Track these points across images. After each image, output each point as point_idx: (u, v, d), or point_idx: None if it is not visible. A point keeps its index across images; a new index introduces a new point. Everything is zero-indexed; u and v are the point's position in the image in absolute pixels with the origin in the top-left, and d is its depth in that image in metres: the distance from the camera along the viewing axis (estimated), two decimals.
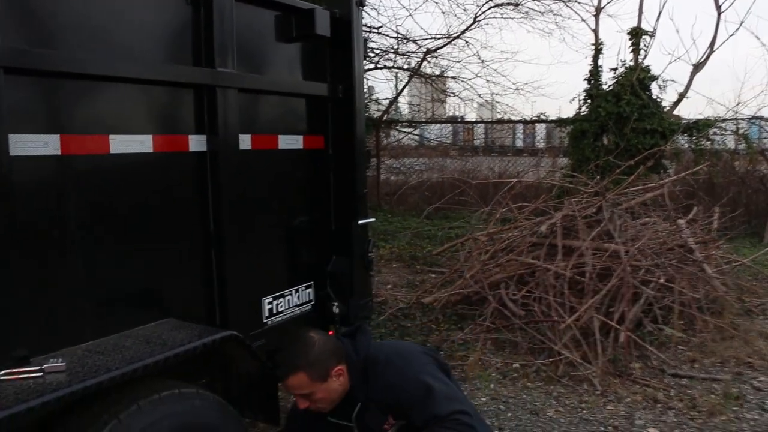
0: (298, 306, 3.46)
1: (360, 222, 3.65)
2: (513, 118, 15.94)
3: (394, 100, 15.86)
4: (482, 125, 19.61)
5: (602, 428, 4.40)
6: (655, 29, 11.91)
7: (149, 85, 2.59)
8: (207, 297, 2.92)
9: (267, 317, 3.26)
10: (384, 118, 15.18)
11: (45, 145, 2.21)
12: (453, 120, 21.51)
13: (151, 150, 2.59)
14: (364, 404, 2.76)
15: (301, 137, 3.44)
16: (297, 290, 3.46)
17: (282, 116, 3.37)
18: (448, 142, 18.20)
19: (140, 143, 2.54)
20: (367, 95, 15.73)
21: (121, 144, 2.46)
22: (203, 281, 2.90)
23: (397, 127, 16.48)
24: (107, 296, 2.49)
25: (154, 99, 2.64)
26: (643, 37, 11.76)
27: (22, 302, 2.18)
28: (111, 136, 2.43)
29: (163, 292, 2.74)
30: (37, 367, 2.09)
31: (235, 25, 2.89)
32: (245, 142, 3.03)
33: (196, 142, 2.79)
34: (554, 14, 13.88)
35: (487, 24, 14.97)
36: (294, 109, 3.44)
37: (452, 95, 16.54)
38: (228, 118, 2.86)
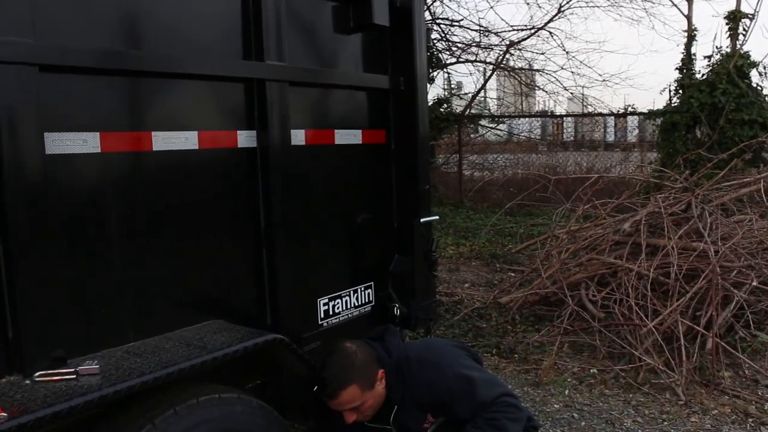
0: (356, 307, 3.35)
1: (423, 220, 3.51)
2: (601, 111, 15.41)
3: (476, 95, 15.61)
4: (571, 119, 19.16)
5: None
6: (756, 11, 11.19)
7: (195, 80, 2.52)
8: (257, 298, 2.84)
9: (323, 319, 3.16)
10: (467, 112, 14.95)
11: (84, 143, 2.17)
12: (539, 114, 21.08)
13: (196, 147, 2.52)
14: (401, 405, 2.73)
15: (360, 132, 3.32)
16: (356, 291, 3.35)
17: (339, 110, 3.26)
18: (537, 137, 17.83)
19: (185, 140, 2.47)
20: (454, 90, 15.58)
21: (165, 141, 2.40)
22: (253, 282, 2.82)
23: (481, 123, 16.22)
24: (152, 297, 2.44)
25: (200, 94, 2.57)
26: (743, 20, 11.10)
27: (62, 302, 2.14)
28: (154, 133, 2.37)
29: (211, 292, 2.68)
30: (71, 369, 2.05)
31: (286, 15, 2.79)
32: (298, 137, 2.93)
33: (246, 138, 2.71)
34: (643, 0, 13.33)
35: (572, 14, 14.63)
36: (352, 103, 3.33)
37: (537, 89, 16.17)
38: (279, 112, 2.77)
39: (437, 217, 3.65)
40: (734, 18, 11.11)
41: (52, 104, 2.09)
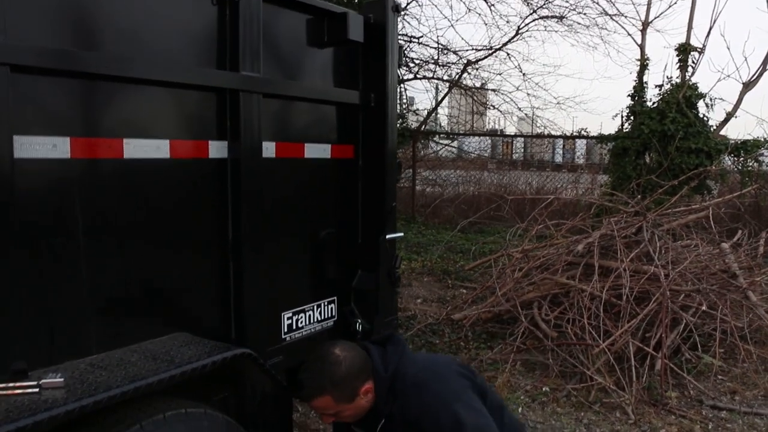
0: (319, 322, 3.33)
1: (388, 236, 3.51)
2: (553, 132, 15.68)
3: (432, 111, 15.73)
4: (521, 139, 19.45)
5: None
6: (704, 45, 11.59)
7: (168, 87, 2.47)
8: (223, 311, 2.79)
9: (286, 333, 3.13)
10: (422, 128, 15.04)
11: (53, 148, 2.11)
12: (492, 133, 21.35)
13: (168, 156, 2.47)
14: (389, 419, 2.60)
15: (329, 146, 3.31)
16: (319, 305, 3.33)
17: (310, 124, 3.25)
18: (487, 155, 18.02)
19: (156, 148, 2.43)
20: (406, 105, 15.66)
21: (136, 148, 2.35)
22: (219, 294, 2.78)
23: (435, 139, 16.34)
24: (115, 308, 2.38)
25: (173, 102, 2.53)
26: (692, 53, 11.48)
27: (24, 312, 2.07)
28: (125, 140, 2.32)
29: (177, 304, 2.62)
30: (34, 383, 1.98)
31: (262, 27, 2.77)
32: (269, 149, 2.91)
33: (217, 149, 2.67)
34: (600, 28, 13.70)
35: (530, 36, 14.93)
36: (323, 117, 3.31)
37: (492, 108, 16.37)
38: (251, 124, 2.74)
39: (402, 234, 3.65)
40: (684, 50, 11.48)
41: (22, 106, 2.02)
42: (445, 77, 14.67)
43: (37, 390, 1.96)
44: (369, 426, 2.68)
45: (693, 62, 11.48)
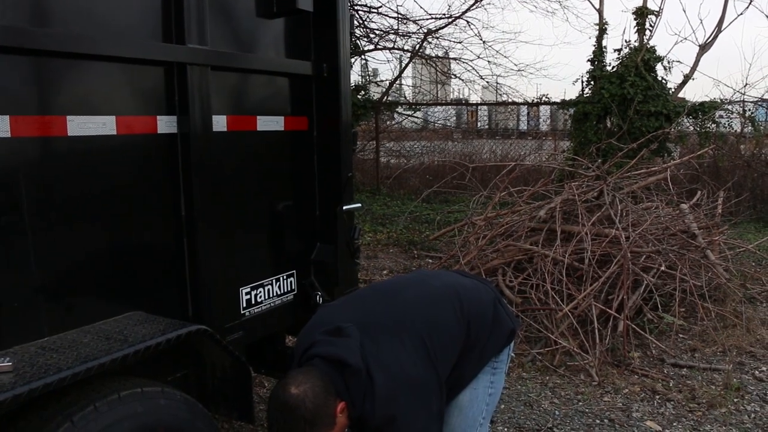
0: (279, 296, 3.31)
1: (345, 207, 3.49)
2: (516, 100, 15.70)
3: (393, 82, 15.64)
4: (485, 108, 19.45)
5: (598, 421, 4.27)
6: (661, 9, 11.62)
7: (113, 62, 2.40)
8: (178, 288, 2.76)
9: (245, 308, 3.11)
10: (384, 100, 14.97)
11: None
12: (455, 102, 21.32)
13: (114, 132, 2.42)
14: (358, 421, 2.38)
15: (282, 118, 3.26)
16: (278, 279, 3.31)
17: (262, 96, 3.19)
18: (452, 125, 18.02)
19: (102, 125, 2.37)
20: (369, 77, 15.56)
21: (80, 126, 2.29)
22: (175, 271, 2.74)
23: (398, 110, 16.28)
24: (67, 289, 2.33)
25: (118, 77, 2.46)
26: (649, 16, 11.51)
27: None
28: (69, 117, 2.26)
29: (130, 283, 2.58)
30: None
31: None
32: (220, 123, 2.86)
33: (166, 124, 2.62)
34: None
35: (490, 4, 14.85)
36: (275, 89, 3.26)
37: (454, 77, 16.33)
38: (200, 97, 2.68)
39: (360, 205, 3.63)
40: (642, 14, 11.53)
41: None
42: (406, 47, 14.60)
43: None
44: None
45: (650, 25, 11.53)
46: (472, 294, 2.67)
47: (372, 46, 13.97)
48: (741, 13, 17.67)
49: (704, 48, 11.98)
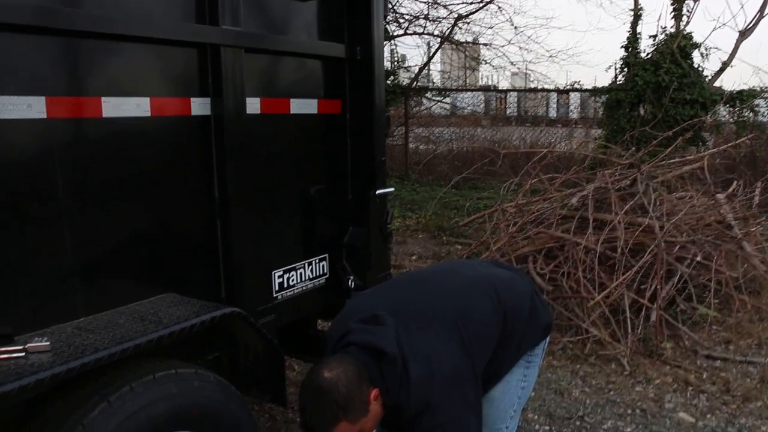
0: (311, 279, 3.30)
1: (378, 192, 3.47)
2: (546, 87, 15.54)
3: (423, 67, 15.56)
4: (515, 94, 19.29)
5: (629, 411, 4.22)
6: None
7: (147, 43, 2.40)
8: (212, 270, 2.76)
9: (277, 291, 3.10)
10: (413, 85, 14.89)
11: (28, 107, 2.04)
12: (485, 88, 21.16)
13: (148, 114, 2.41)
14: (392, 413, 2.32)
15: (315, 101, 3.25)
16: (310, 263, 3.30)
17: (295, 79, 3.18)
18: (480, 111, 17.89)
19: (136, 106, 2.37)
20: (397, 62, 15.49)
21: (115, 107, 2.29)
22: (208, 254, 2.74)
23: (427, 96, 16.19)
24: (102, 270, 2.34)
25: (152, 59, 2.46)
26: (686, 2, 11.30)
27: (8, 277, 2.04)
28: (103, 99, 2.26)
29: (164, 265, 2.59)
30: (20, 347, 1.95)
31: None
32: (253, 105, 2.85)
33: (199, 106, 2.61)
34: None
35: None
36: (308, 72, 3.24)
37: (484, 63, 16.21)
38: (233, 79, 2.67)
39: (392, 189, 3.61)
40: None
41: None
42: (436, 32, 14.50)
43: (23, 354, 1.94)
44: None
45: (688, 11, 11.33)
46: (508, 285, 2.63)
47: (402, 31, 13.91)
48: None
49: (744, 34, 11.74)
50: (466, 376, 2.34)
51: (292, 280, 3.19)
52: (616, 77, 11.86)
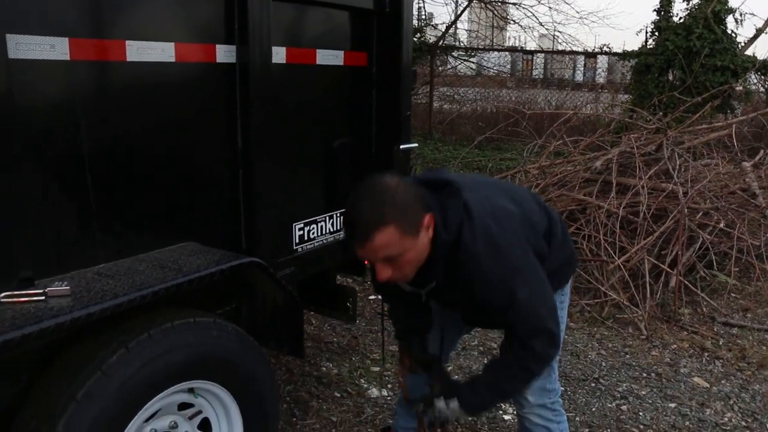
0: (332, 233, 3.29)
1: (402, 147, 3.43)
2: (574, 49, 15.28)
3: (451, 25, 15.33)
4: (542, 56, 19.02)
5: (645, 374, 4.22)
6: None
7: None
8: (233, 220, 2.75)
9: (298, 244, 3.10)
10: (440, 43, 14.69)
11: (51, 48, 2.02)
12: (512, 49, 20.87)
13: (173, 59, 2.38)
14: (441, 282, 2.25)
15: (341, 53, 3.19)
16: (332, 216, 3.28)
17: (322, 29, 3.12)
18: (506, 72, 17.68)
19: (161, 51, 2.34)
20: (424, 20, 15.28)
21: (139, 51, 2.26)
22: (229, 204, 2.73)
23: (453, 54, 15.99)
24: (123, 217, 2.34)
25: (178, 3, 2.42)
26: None
27: (29, 220, 2.04)
28: (128, 42, 2.23)
29: (185, 214, 2.58)
30: (40, 291, 1.96)
31: None
32: (279, 55, 2.81)
33: (225, 53, 2.58)
34: None
35: None
36: (335, 23, 3.19)
37: (512, 23, 15.94)
38: (260, 28, 2.62)
39: (416, 145, 3.57)
40: None
41: (16, 2, 1.91)
42: None
43: (43, 298, 1.94)
44: (417, 284, 2.32)
45: None
46: (545, 205, 2.55)
47: None
48: None
49: None
50: (526, 255, 2.23)
51: (313, 233, 3.18)
52: (646, 41, 11.62)
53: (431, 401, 2.38)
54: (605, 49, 13.68)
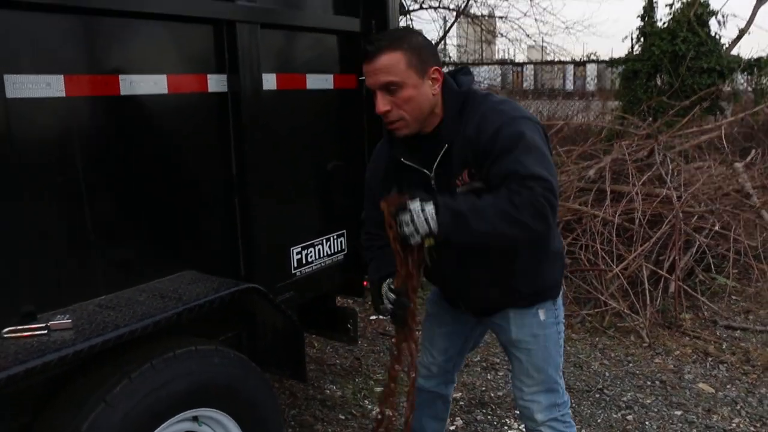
0: (329, 256, 3.31)
1: None
2: (562, 59, 15.39)
3: (439, 42, 15.43)
4: (531, 67, 19.16)
5: (649, 382, 4.22)
6: None
7: (163, 20, 2.39)
8: (231, 247, 2.77)
9: (296, 268, 3.11)
10: None
11: (47, 86, 2.05)
12: (501, 62, 21.01)
13: (166, 91, 2.41)
14: (450, 146, 2.23)
15: (331, 76, 3.22)
16: (328, 239, 3.30)
17: (310, 54, 3.15)
18: (497, 84, 17.78)
19: (153, 84, 2.36)
20: None
21: (133, 85, 2.29)
22: (226, 230, 2.75)
23: (443, 70, 16.04)
24: (123, 248, 2.36)
25: (168, 36, 2.44)
26: None
27: (30, 255, 2.05)
28: (121, 77, 2.26)
29: (183, 242, 2.60)
30: (42, 324, 1.97)
31: None
32: (269, 81, 2.83)
33: (216, 82, 2.60)
34: None
35: None
36: (323, 47, 3.22)
37: (500, 36, 16.05)
38: (250, 56, 2.66)
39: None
40: None
41: (12, 44, 1.96)
42: (452, 6, 14.36)
43: (45, 332, 1.96)
44: (426, 161, 2.32)
45: None
46: None
47: (417, 6, 13.78)
48: None
49: (762, 0, 11.54)
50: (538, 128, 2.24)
51: (311, 257, 3.19)
52: (632, 47, 11.74)
53: (405, 204, 2.02)
54: (593, 57, 13.78)
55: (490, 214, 2.00)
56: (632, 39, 11.69)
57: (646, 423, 3.75)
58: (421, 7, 14.03)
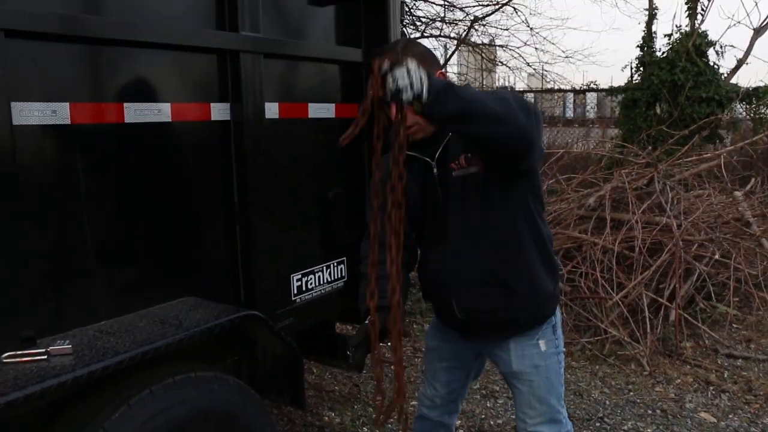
0: (329, 283, 3.32)
1: None
2: (562, 87, 15.48)
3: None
4: (531, 95, 19.25)
5: (650, 411, 4.21)
6: None
7: (168, 50, 2.43)
8: (231, 274, 2.78)
9: (296, 295, 3.12)
10: None
11: (53, 114, 2.08)
12: (502, 90, 21.09)
13: (169, 119, 2.44)
14: (451, 139, 2.37)
15: (333, 105, 3.26)
16: (329, 266, 3.31)
17: (313, 83, 3.19)
18: None
19: (158, 112, 2.40)
20: None
21: (137, 113, 2.32)
22: (227, 257, 2.77)
23: None
24: (123, 274, 2.38)
25: (173, 65, 2.48)
26: (701, 0, 11.24)
27: (31, 280, 2.06)
28: (126, 105, 2.29)
29: (184, 269, 2.61)
30: (42, 350, 1.98)
31: None
32: (272, 110, 2.87)
33: (219, 111, 2.64)
34: None
35: None
36: (325, 76, 3.26)
37: (501, 64, 16.15)
38: (253, 85, 2.70)
39: None
40: None
41: (19, 72, 1.98)
42: (453, 35, 14.46)
43: (45, 357, 1.96)
44: (429, 151, 2.43)
45: (702, 9, 11.26)
46: None
47: (418, 34, 13.88)
48: None
49: (759, 32, 11.64)
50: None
51: (311, 284, 3.20)
52: (631, 76, 11.83)
53: (402, 60, 1.93)
54: (592, 85, 13.87)
55: (478, 93, 2.12)
56: (631, 68, 11.80)
57: None
58: (422, 36, 14.13)
